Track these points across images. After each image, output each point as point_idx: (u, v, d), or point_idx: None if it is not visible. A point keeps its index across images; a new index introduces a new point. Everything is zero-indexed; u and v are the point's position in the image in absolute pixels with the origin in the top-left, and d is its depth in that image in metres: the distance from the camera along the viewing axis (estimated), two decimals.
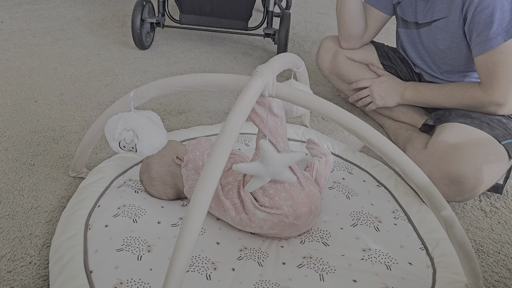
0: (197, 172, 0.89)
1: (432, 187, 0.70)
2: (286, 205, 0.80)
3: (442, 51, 1.13)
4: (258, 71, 0.66)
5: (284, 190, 0.80)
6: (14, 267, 0.81)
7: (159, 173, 0.91)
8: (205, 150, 0.91)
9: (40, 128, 1.23)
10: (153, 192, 0.94)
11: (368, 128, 0.67)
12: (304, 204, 0.81)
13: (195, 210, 0.54)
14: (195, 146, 0.92)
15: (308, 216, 0.82)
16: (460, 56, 1.10)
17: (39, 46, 1.77)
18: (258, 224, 0.82)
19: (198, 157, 0.90)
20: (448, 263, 0.84)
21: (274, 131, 0.79)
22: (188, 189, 0.89)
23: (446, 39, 1.10)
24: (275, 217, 0.80)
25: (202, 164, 0.89)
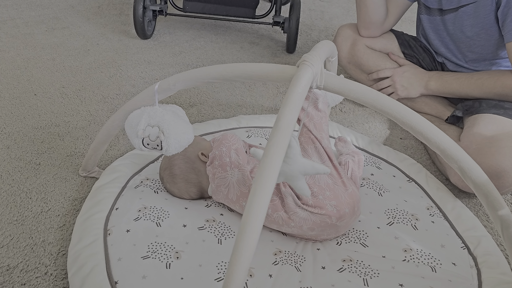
0: (224, 169, 0.82)
1: (491, 185, 0.64)
2: (330, 204, 0.74)
3: (469, 38, 1.08)
4: (306, 60, 0.59)
5: (328, 189, 0.74)
6: (28, 278, 0.73)
7: (182, 170, 0.85)
8: (232, 145, 0.84)
9: (43, 123, 1.14)
10: (174, 191, 0.87)
11: (425, 123, 0.61)
12: (347, 204, 0.75)
13: (252, 218, 0.47)
14: (221, 141, 0.85)
15: (350, 217, 0.77)
16: (489, 43, 1.05)
17: (33, 35, 1.67)
18: (297, 224, 0.76)
19: (224, 153, 0.83)
20: (493, 263, 0.79)
21: (318, 126, 0.73)
22: (215, 188, 0.83)
23: (475, 25, 1.05)
24: (317, 217, 0.74)
25: (229, 161, 0.82)
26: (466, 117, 1.06)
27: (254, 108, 1.29)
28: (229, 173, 0.81)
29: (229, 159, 0.82)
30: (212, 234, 0.80)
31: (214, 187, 0.83)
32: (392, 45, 1.26)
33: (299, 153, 0.68)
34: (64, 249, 0.79)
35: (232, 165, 0.81)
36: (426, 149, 1.14)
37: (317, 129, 0.73)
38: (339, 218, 0.75)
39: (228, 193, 0.81)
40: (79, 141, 1.09)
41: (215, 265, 0.74)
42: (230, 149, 0.84)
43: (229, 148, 0.84)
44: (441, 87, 1.14)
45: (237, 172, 0.81)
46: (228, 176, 0.81)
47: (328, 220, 0.75)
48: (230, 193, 0.81)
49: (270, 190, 0.48)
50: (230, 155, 0.83)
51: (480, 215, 0.95)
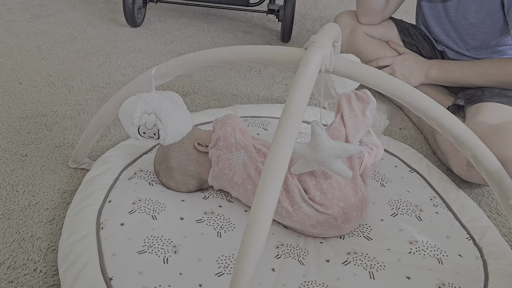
0: (229, 150, 0.78)
1: (504, 173, 0.62)
2: (338, 205, 0.71)
3: (473, 24, 1.05)
4: (315, 41, 0.56)
5: (339, 189, 0.71)
6: (16, 276, 0.69)
7: (180, 163, 0.81)
8: (236, 125, 0.80)
9: (29, 113, 1.09)
10: (171, 184, 0.83)
11: (439, 108, 0.58)
12: (356, 208, 0.73)
13: (263, 208, 0.44)
14: (225, 122, 0.81)
15: (356, 221, 0.74)
16: (493, 30, 1.03)
17: (17, 22, 1.60)
18: (300, 219, 0.73)
19: (229, 133, 0.79)
20: (499, 253, 0.77)
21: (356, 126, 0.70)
22: (219, 171, 0.78)
23: (479, 11, 1.02)
24: (322, 216, 0.71)
25: (234, 141, 0.78)
26: (468, 106, 1.04)
27: (249, 98, 1.25)
28: (234, 154, 0.77)
29: (234, 140, 0.79)
30: (211, 227, 0.76)
31: (217, 170, 0.79)
32: (391, 33, 1.24)
33: (326, 138, 0.65)
34: (54, 244, 0.75)
35: (237, 146, 0.77)
36: (427, 139, 1.12)
37: (354, 127, 0.71)
38: (344, 220, 0.72)
39: (233, 175, 0.77)
40: (68, 131, 1.04)
41: (215, 259, 0.70)
42: (235, 129, 0.80)
43: (233, 128, 0.80)
44: (442, 75, 1.11)
45: (243, 153, 0.77)
46: (233, 157, 0.77)
47: (333, 221, 0.72)
48: (235, 175, 0.77)
49: (281, 176, 0.45)
50: (235, 135, 0.79)
51: (483, 205, 0.93)
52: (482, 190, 0.97)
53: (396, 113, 1.24)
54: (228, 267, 0.69)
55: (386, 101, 1.29)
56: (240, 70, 1.40)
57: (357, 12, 1.23)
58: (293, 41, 1.65)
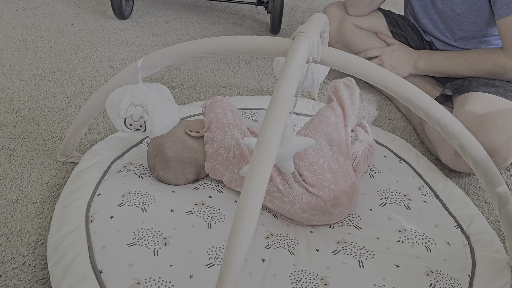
0: (223, 130, 0.79)
1: (490, 162, 0.63)
2: (329, 188, 0.72)
3: (459, 15, 1.06)
4: (302, 31, 0.55)
5: (330, 172, 0.72)
6: (4, 270, 0.68)
7: (175, 151, 0.80)
8: (226, 107, 0.82)
9: (16, 107, 1.07)
10: (169, 177, 0.82)
11: (426, 98, 0.59)
12: (346, 193, 0.73)
13: (251, 199, 0.44)
14: (213, 104, 0.83)
15: (346, 208, 0.75)
16: (479, 20, 1.04)
17: (2, 15, 1.57)
18: (291, 200, 0.73)
19: (220, 114, 0.81)
20: (486, 241, 0.79)
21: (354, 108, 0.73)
22: (213, 153, 0.79)
23: (465, 2, 1.03)
24: (313, 198, 0.72)
25: (226, 122, 0.80)
26: (455, 96, 1.05)
27: (239, 90, 1.25)
28: (228, 134, 0.79)
29: (226, 120, 0.80)
30: (201, 219, 0.76)
31: (212, 152, 0.79)
32: (380, 24, 1.24)
33: (293, 132, 0.65)
34: (43, 238, 0.74)
35: (230, 126, 0.79)
36: (415, 129, 1.13)
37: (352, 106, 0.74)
38: (334, 205, 0.73)
39: (228, 155, 0.78)
40: (56, 124, 1.03)
41: (205, 251, 0.70)
42: (225, 111, 0.82)
43: (223, 110, 0.82)
44: (430, 66, 1.12)
45: (237, 132, 0.79)
46: (227, 137, 0.78)
47: (323, 205, 0.72)
48: (230, 154, 0.78)
49: (269, 167, 0.45)
50: (226, 115, 0.81)
51: (470, 194, 0.94)
52: (469, 179, 0.98)
53: (385, 103, 1.24)
54: (219, 258, 0.69)
55: (375, 92, 1.30)
56: (230, 62, 1.39)
57: (345, 3, 1.23)
58: (283, 33, 1.65)
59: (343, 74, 1.37)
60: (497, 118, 0.89)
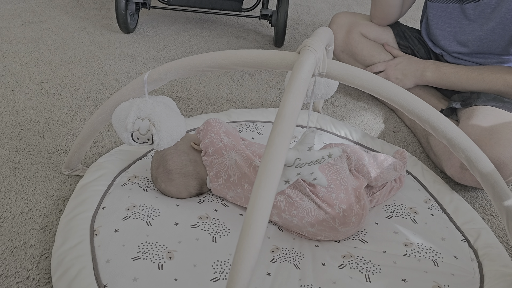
0: (220, 154, 0.79)
1: (498, 175, 0.63)
2: (340, 207, 0.72)
3: (483, 31, 1.04)
4: (308, 45, 0.56)
5: (346, 192, 0.72)
6: (8, 284, 0.68)
7: (178, 164, 0.80)
8: (219, 129, 0.82)
9: (21, 120, 1.08)
10: (171, 190, 0.82)
11: (432, 111, 0.59)
12: (356, 215, 0.73)
13: (258, 213, 0.44)
14: (207, 129, 0.82)
15: (354, 227, 0.74)
16: (502, 38, 1.03)
17: (9, 29, 1.59)
18: (299, 214, 0.73)
19: (215, 138, 0.80)
20: (494, 255, 0.77)
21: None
22: (214, 176, 0.79)
23: (494, 19, 1.01)
24: (321, 214, 0.72)
25: (222, 145, 0.80)
26: (462, 109, 1.05)
27: (243, 103, 1.25)
28: (226, 156, 0.78)
29: (222, 143, 0.80)
30: (206, 232, 0.75)
31: (212, 175, 0.79)
32: (387, 36, 1.24)
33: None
34: (47, 251, 0.74)
35: (227, 148, 0.79)
36: (420, 142, 1.13)
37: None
38: (343, 223, 0.73)
39: (228, 176, 0.78)
40: (61, 137, 1.03)
41: (210, 265, 0.70)
42: (219, 134, 0.81)
43: (217, 133, 0.81)
44: (437, 79, 1.12)
45: (234, 153, 0.78)
46: (225, 160, 0.78)
47: (331, 222, 0.72)
48: (230, 176, 0.78)
49: (276, 181, 0.45)
50: (221, 138, 0.81)
51: (477, 207, 0.93)
52: (476, 193, 0.97)
53: (389, 116, 1.24)
54: (224, 272, 0.69)
55: (379, 105, 1.30)
56: (234, 75, 1.40)
57: (372, 14, 1.24)
58: (286, 46, 1.66)
59: (349, 87, 1.38)
60: (505, 132, 0.89)
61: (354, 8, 2.18)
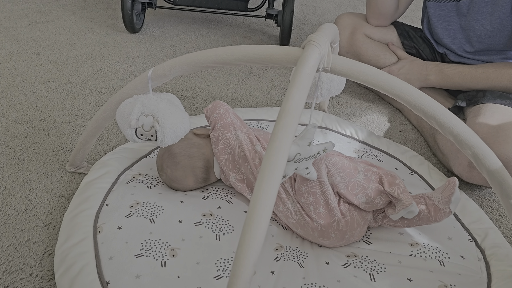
0: (227, 129, 0.80)
1: (505, 172, 0.61)
2: (317, 222, 0.71)
3: (482, 26, 1.04)
4: (312, 40, 0.55)
5: (326, 206, 0.70)
6: (11, 280, 0.68)
7: (182, 147, 0.81)
8: (228, 108, 0.84)
9: (27, 118, 1.08)
10: (177, 175, 0.81)
11: (438, 107, 0.58)
12: (337, 231, 0.71)
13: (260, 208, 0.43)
14: (216, 106, 0.83)
15: (337, 242, 0.73)
16: (501, 34, 1.02)
17: (16, 29, 1.60)
18: (284, 212, 0.74)
19: (224, 114, 0.82)
20: (502, 255, 0.76)
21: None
22: (220, 151, 0.80)
23: (491, 14, 1.01)
24: (302, 220, 0.73)
25: (231, 121, 0.81)
26: (468, 108, 1.03)
27: (248, 102, 1.25)
28: (232, 133, 0.79)
29: (230, 119, 0.81)
30: (209, 230, 0.75)
31: (219, 149, 0.80)
32: (391, 36, 1.24)
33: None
34: (51, 248, 0.74)
35: (234, 126, 0.80)
36: (427, 140, 1.12)
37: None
38: (321, 237, 0.72)
39: (233, 154, 0.79)
40: (66, 135, 1.03)
41: (214, 263, 0.69)
42: (228, 111, 0.83)
43: (226, 110, 0.83)
44: (442, 81, 1.11)
45: (241, 133, 0.79)
46: (232, 136, 0.79)
47: (311, 232, 0.73)
48: (235, 154, 0.79)
49: (279, 175, 0.44)
50: (230, 115, 0.82)
51: (484, 207, 0.92)
52: (483, 192, 0.96)
53: (396, 115, 1.23)
54: (227, 270, 0.68)
55: (385, 104, 1.29)
56: (239, 74, 1.40)
57: (367, 15, 1.23)
58: (292, 46, 1.65)
59: (355, 83, 1.37)
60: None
61: (360, 8, 2.17)
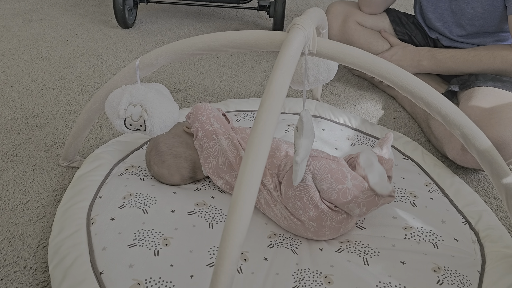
0: (210, 138, 0.79)
1: (495, 152, 0.61)
2: (309, 223, 0.71)
3: (473, 8, 1.03)
4: (297, 23, 0.55)
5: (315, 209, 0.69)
6: (6, 273, 0.68)
7: (169, 145, 0.81)
8: (209, 113, 0.81)
9: (20, 115, 1.08)
10: (163, 172, 0.81)
11: (425, 87, 0.58)
12: (331, 228, 0.71)
13: (246, 189, 0.43)
14: (196, 113, 0.82)
15: (333, 237, 0.73)
16: (492, 15, 1.02)
17: (9, 28, 1.60)
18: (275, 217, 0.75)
19: (205, 122, 0.80)
20: (495, 236, 0.76)
21: None
22: (204, 159, 0.79)
23: None
24: (293, 224, 0.73)
25: (212, 129, 0.79)
26: (461, 92, 1.03)
27: (242, 93, 1.24)
28: (215, 141, 0.78)
29: (211, 127, 0.80)
30: (202, 219, 0.75)
31: (203, 159, 0.80)
32: (383, 22, 1.23)
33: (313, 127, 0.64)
34: (45, 241, 0.74)
35: (216, 133, 0.79)
36: (421, 126, 1.11)
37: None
38: (316, 235, 0.72)
39: (217, 163, 0.78)
40: (59, 131, 1.03)
41: (207, 250, 0.69)
42: (209, 118, 0.81)
43: (207, 117, 0.81)
44: (434, 66, 1.10)
45: (224, 140, 0.78)
46: (215, 144, 0.78)
47: (304, 233, 0.73)
48: (220, 162, 0.77)
49: (264, 157, 0.44)
50: (211, 123, 0.80)
51: (479, 190, 0.92)
52: (477, 176, 0.96)
53: (389, 103, 1.23)
54: None
55: (379, 92, 1.29)
56: (232, 66, 1.39)
57: (360, 2, 1.23)
58: None
59: (349, 72, 1.37)
60: (505, 111, 0.87)
61: None
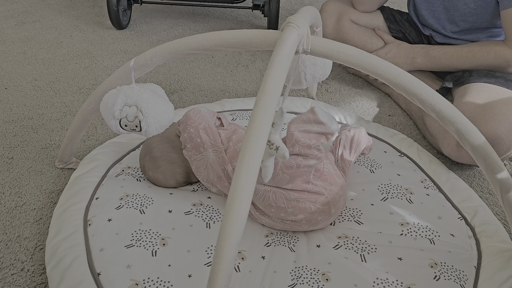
0: (198, 151, 0.78)
1: (489, 147, 0.62)
2: (299, 217, 0.71)
3: (466, 5, 1.04)
4: (291, 22, 0.55)
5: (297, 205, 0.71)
6: (3, 276, 0.68)
7: (163, 151, 0.80)
8: (199, 124, 0.79)
9: (15, 117, 1.08)
10: (158, 177, 0.82)
11: (419, 84, 0.58)
12: (321, 212, 0.72)
13: (242, 188, 0.43)
14: (186, 123, 0.80)
15: (327, 220, 0.74)
16: (485, 11, 1.02)
17: (2, 30, 1.59)
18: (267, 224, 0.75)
19: (193, 134, 0.78)
20: (491, 231, 0.77)
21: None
22: (196, 170, 0.79)
23: None
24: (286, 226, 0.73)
25: (201, 141, 0.78)
26: (455, 88, 1.04)
27: (237, 93, 1.25)
28: (203, 154, 0.78)
29: (200, 140, 0.78)
30: (199, 219, 0.75)
31: (194, 169, 0.79)
32: (377, 20, 1.23)
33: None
34: (42, 243, 0.74)
35: (205, 146, 0.77)
36: (416, 123, 1.12)
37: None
38: (310, 225, 0.73)
39: (208, 174, 0.78)
40: (55, 133, 1.03)
41: (204, 250, 0.69)
42: (198, 129, 0.78)
43: (196, 129, 0.79)
44: (428, 63, 1.11)
45: (211, 153, 0.77)
46: (203, 157, 0.78)
47: (299, 227, 0.74)
48: (210, 174, 0.78)
49: (259, 155, 0.44)
50: (200, 135, 0.78)
51: (474, 186, 0.93)
52: (473, 172, 0.96)
53: (385, 100, 1.23)
54: None
55: (374, 90, 1.29)
56: (228, 66, 1.39)
57: (353, 1, 1.23)
58: None
59: (344, 70, 1.37)
60: (499, 107, 0.88)
61: None
